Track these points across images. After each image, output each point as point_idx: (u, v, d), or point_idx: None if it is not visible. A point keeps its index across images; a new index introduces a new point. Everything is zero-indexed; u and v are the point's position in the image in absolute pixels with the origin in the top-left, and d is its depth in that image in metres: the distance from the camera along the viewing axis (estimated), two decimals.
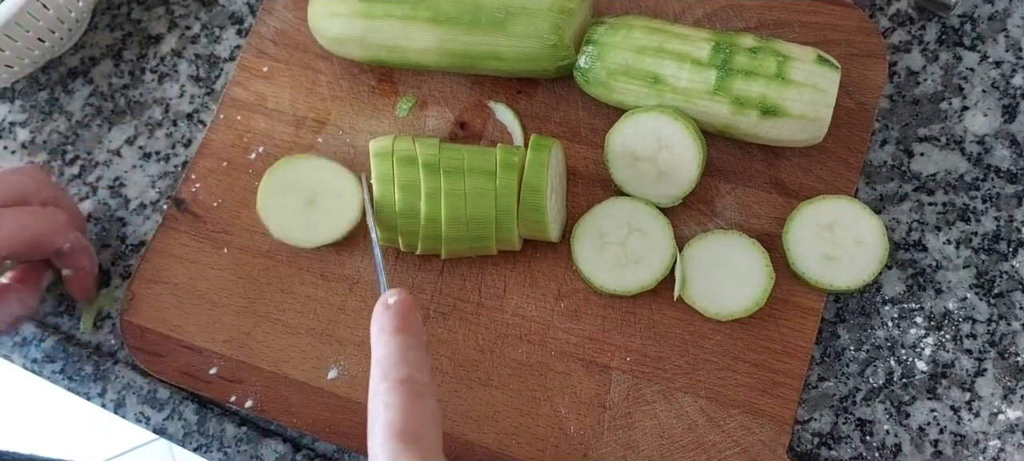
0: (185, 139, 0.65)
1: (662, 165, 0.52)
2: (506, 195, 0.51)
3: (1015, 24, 0.56)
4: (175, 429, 0.58)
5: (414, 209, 0.52)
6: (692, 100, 0.52)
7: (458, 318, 0.55)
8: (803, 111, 0.50)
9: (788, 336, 0.51)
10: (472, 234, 0.52)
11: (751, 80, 0.50)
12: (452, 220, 0.52)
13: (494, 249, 0.54)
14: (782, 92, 0.50)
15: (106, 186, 0.65)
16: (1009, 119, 0.55)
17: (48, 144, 0.67)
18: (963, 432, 0.50)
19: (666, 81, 0.52)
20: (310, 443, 0.57)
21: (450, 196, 0.52)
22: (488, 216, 0.52)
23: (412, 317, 0.42)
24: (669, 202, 0.53)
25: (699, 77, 0.51)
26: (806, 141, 0.52)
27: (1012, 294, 0.52)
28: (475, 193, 0.52)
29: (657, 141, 0.52)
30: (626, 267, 0.53)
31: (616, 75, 0.53)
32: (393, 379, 0.39)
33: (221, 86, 0.66)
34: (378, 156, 0.53)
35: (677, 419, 0.51)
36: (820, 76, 0.50)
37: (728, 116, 0.51)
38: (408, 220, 0.52)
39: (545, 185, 0.51)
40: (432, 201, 0.52)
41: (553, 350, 0.53)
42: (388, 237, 0.54)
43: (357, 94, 0.61)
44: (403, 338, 0.41)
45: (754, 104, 0.50)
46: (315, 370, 0.55)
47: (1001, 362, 0.51)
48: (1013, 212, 0.53)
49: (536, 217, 0.52)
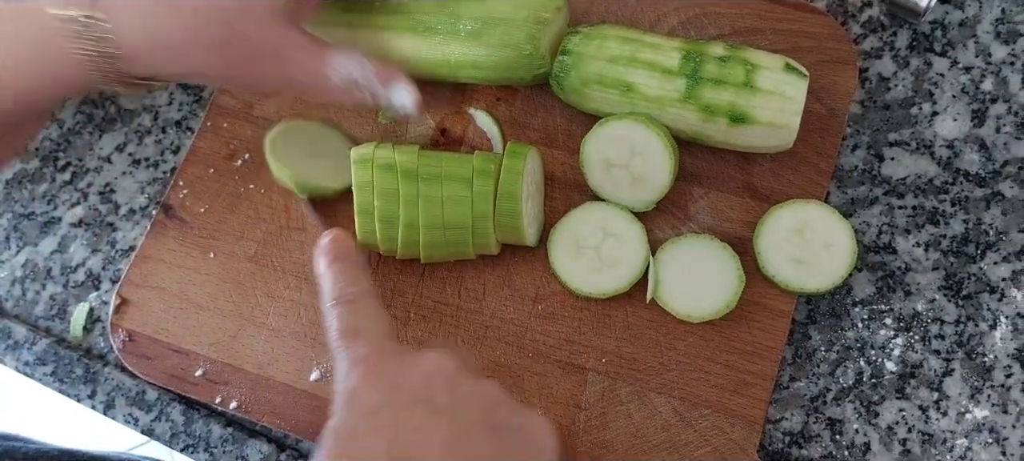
0: (173, 146, 0.67)
1: (635, 171, 0.54)
2: (482, 201, 0.53)
3: (984, 30, 0.57)
4: (162, 430, 0.59)
5: (393, 215, 0.53)
6: (664, 108, 0.53)
7: (438, 321, 0.56)
8: (771, 119, 0.51)
9: (759, 337, 0.52)
10: (450, 239, 0.54)
11: (720, 88, 0.51)
12: (429, 226, 0.53)
13: (472, 254, 0.55)
14: (750, 100, 0.51)
15: (97, 192, 0.67)
16: (978, 124, 0.56)
17: (40, 151, 0.68)
18: (931, 431, 0.51)
19: (638, 89, 0.53)
20: (294, 443, 0.58)
21: (428, 202, 0.53)
22: (465, 222, 0.53)
23: (337, 244, 0.45)
24: (643, 207, 0.55)
25: (670, 85, 0.52)
26: (776, 147, 0.53)
27: (980, 296, 0.53)
28: (452, 200, 0.53)
29: (630, 148, 0.53)
30: (601, 271, 0.54)
31: (590, 84, 0.54)
32: (331, 299, 0.43)
33: (209, 94, 0.67)
34: (359, 163, 0.54)
35: (650, 419, 0.52)
36: (787, 84, 0.51)
37: (698, 123, 0.52)
38: (387, 225, 0.54)
39: (520, 191, 0.52)
40: (410, 207, 0.53)
41: (530, 352, 0.54)
42: (368, 242, 0.55)
43: (341, 102, 0.62)
44: (336, 266, 0.44)
45: (723, 112, 0.51)
46: (298, 372, 0.56)
47: (969, 362, 0.52)
48: (981, 215, 0.54)
49: (512, 222, 0.53)
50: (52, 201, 0.67)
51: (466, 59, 0.56)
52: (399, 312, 0.57)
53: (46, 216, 0.67)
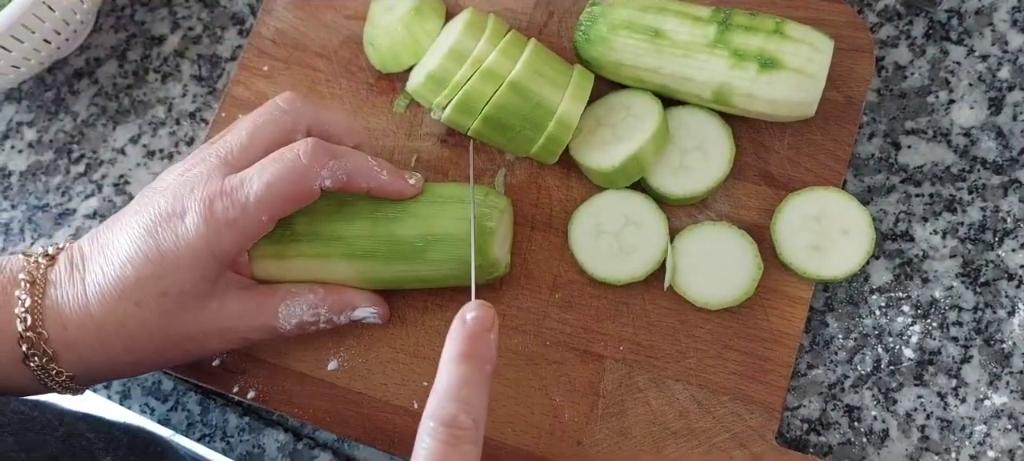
0: (188, 137, 0.67)
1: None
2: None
3: (1001, 18, 0.57)
4: (179, 420, 0.59)
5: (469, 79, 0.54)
6: (692, 54, 0.52)
7: (455, 309, 0.56)
8: (800, 65, 0.51)
9: (777, 325, 0.52)
10: (523, 113, 0.54)
11: (750, 34, 0.52)
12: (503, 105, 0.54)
13: (531, 150, 0.55)
14: (780, 45, 0.51)
15: (111, 184, 0.67)
16: (995, 111, 0.56)
17: (54, 143, 0.68)
18: (949, 417, 0.51)
19: (667, 35, 0.53)
20: (311, 432, 0.58)
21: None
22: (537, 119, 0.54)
23: (480, 340, 0.43)
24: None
25: (700, 31, 0.52)
26: (798, 110, 0.52)
27: (997, 283, 0.53)
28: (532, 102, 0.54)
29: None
30: (618, 257, 0.54)
31: (618, 29, 0.54)
32: (437, 418, 0.40)
33: (223, 85, 0.67)
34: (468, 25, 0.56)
35: (668, 406, 0.52)
36: (816, 37, 0.52)
37: (726, 71, 0.52)
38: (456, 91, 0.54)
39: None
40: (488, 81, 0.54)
41: (548, 340, 0.54)
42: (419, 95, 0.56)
43: (355, 91, 0.62)
44: (463, 370, 0.42)
45: (753, 56, 0.51)
46: (315, 361, 0.56)
47: (987, 349, 0.52)
48: (999, 203, 0.54)
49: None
50: (66, 193, 0.67)
51: (412, 275, 0.53)
52: (417, 300, 0.57)
53: (61, 208, 0.67)
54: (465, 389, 0.41)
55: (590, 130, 0.56)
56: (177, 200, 0.48)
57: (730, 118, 0.55)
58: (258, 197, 0.47)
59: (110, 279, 0.47)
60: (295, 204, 0.49)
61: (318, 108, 0.52)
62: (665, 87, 0.54)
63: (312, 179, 0.48)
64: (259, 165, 0.48)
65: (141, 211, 0.48)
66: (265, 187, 0.47)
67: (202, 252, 0.47)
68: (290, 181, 0.47)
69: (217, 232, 0.47)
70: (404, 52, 0.60)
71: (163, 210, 0.48)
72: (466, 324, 0.44)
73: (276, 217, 0.48)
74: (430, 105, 0.57)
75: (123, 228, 0.48)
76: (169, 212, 0.47)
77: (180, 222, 0.47)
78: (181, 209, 0.47)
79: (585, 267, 0.54)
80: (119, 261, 0.47)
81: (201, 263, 0.47)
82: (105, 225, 0.50)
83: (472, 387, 0.41)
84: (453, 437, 0.40)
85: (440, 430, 0.40)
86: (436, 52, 0.57)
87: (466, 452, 0.40)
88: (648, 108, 0.54)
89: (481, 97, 0.54)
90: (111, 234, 0.49)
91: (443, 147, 0.60)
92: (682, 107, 0.56)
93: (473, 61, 0.54)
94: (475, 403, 0.41)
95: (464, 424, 0.40)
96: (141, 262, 0.47)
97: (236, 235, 0.47)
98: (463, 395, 0.41)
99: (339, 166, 0.49)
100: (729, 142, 0.54)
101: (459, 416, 0.40)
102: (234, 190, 0.47)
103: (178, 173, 0.49)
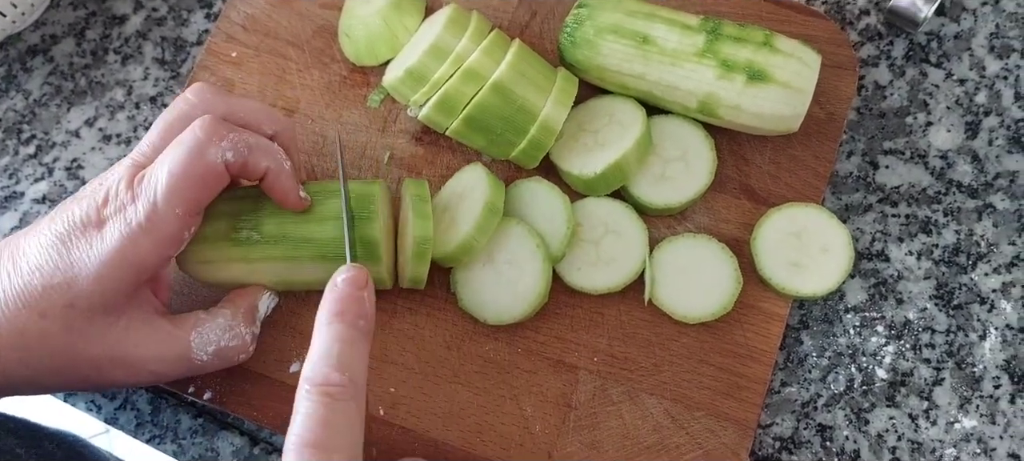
0: (147, 122, 0.64)
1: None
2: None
3: (979, 44, 0.58)
4: (127, 419, 0.56)
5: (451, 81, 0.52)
6: (679, 62, 0.51)
7: (426, 313, 0.54)
8: (788, 79, 0.50)
9: (753, 341, 0.52)
10: (505, 116, 0.52)
11: (739, 45, 0.51)
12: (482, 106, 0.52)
13: (511, 153, 0.54)
14: (770, 58, 0.51)
15: (63, 167, 0.63)
16: (971, 136, 0.56)
17: (3, 122, 0.65)
18: (920, 440, 0.51)
19: (655, 42, 0.52)
20: (268, 437, 0.56)
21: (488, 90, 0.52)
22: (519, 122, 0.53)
23: (351, 299, 0.42)
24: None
25: (688, 40, 0.51)
26: (783, 124, 0.51)
27: (970, 306, 0.53)
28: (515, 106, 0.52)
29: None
30: (596, 266, 0.52)
31: (604, 33, 0.53)
32: (310, 380, 0.40)
33: (187, 70, 0.64)
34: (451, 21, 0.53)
35: (642, 420, 0.51)
36: (804, 52, 0.51)
37: (713, 82, 0.51)
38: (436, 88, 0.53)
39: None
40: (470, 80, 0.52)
41: (520, 348, 0.53)
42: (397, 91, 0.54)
43: (328, 84, 0.60)
44: (335, 329, 0.41)
45: (741, 67, 0.50)
46: (277, 363, 0.54)
47: (958, 372, 0.52)
48: (973, 226, 0.54)
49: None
50: (14, 175, 0.63)
51: (382, 276, 0.52)
52: (386, 303, 0.55)
53: (7, 190, 0.63)
54: (337, 346, 0.40)
55: (571, 135, 0.54)
56: (90, 208, 0.46)
57: (712, 129, 0.54)
58: (164, 188, 0.45)
59: (16, 287, 0.45)
60: (204, 186, 0.46)
61: (231, 97, 0.50)
62: (650, 94, 0.53)
63: (212, 154, 0.46)
64: (160, 157, 0.46)
65: (55, 219, 0.46)
66: (168, 176, 0.45)
67: (115, 261, 0.45)
68: (191, 160, 0.45)
69: (131, 238, 0.45)
70: (381, 45, 0.58)
71: (77, 218, 0.46)
72: (337, 286, 0.43)
73: (192, 208, 0.46)
74: (407, 101, 0.55)
75: (36, 235, 0.46)
76: (83, 220, 0.45)
77: (94, 230, 0.45)
78: (94, 217, 0.45)
79: (561, 275, 0.53)
80: (27, 269, 0.45)
81: (115, 273, 0.45)
82: (21, 231, 0.48)
83: (344, 344, 0.41)
84: (328, 395, 0.39)
85: (314, 391, 0.39)
86: (416, 47, 0.55)
87: (345, 409, 0.39)
88: (632, 115, 0.53)
89: (462, 97, 0.52)
90: (23, 241, 0.47)
91: (417, 145, 0.58)
92: (666, 116, 0.55)
93: (455, 59, 0.53)
94: (349, 360, 0.40)
95: (338, 381, 0.39)
96: (50, 271, 0.45)
97: (153, 239, 0.45)
98: (335, 352, 0.40)
99: (239, 138, 0.47)
100: (712, 154, 0.53)
101: (331, 374, 0.39)
102: (143, 190, 0.45)
103: (97, 182, 0.47)
